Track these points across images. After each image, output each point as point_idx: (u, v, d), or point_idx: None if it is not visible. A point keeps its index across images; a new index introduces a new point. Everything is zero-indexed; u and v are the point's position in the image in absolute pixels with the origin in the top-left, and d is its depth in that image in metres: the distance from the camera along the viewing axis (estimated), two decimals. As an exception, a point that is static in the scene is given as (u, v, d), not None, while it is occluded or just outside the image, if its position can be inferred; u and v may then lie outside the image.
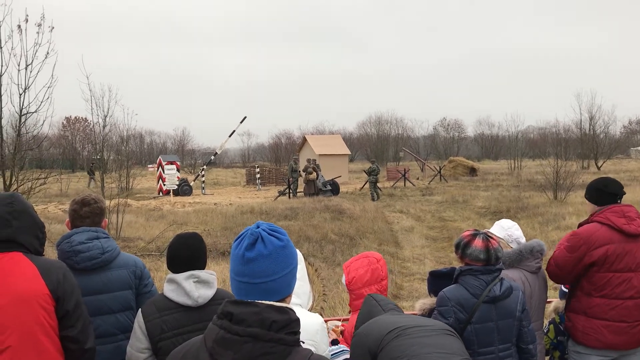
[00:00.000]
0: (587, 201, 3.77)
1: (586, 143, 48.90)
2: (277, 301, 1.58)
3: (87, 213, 3.07)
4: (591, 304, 3.54)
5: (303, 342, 1.63)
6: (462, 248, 3.10)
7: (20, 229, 2.46)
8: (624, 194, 3.70)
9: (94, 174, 33.79)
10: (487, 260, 3.01)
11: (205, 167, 34.16)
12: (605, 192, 3.64)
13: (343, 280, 3.35)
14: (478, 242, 3.05)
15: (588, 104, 51.58)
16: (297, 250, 2.58)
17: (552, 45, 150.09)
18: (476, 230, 3.17)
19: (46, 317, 2.40)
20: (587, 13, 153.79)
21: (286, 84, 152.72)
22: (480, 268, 3.01)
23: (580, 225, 3.70)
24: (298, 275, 2.58)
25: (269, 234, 1.62)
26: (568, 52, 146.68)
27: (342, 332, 3.40)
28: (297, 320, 1.56)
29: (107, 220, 3.27)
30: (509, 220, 3.81)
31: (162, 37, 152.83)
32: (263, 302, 1.54)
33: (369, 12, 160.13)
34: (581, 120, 51.25)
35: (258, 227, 1.64)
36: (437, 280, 3.30)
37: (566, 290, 3.83)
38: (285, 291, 1.63)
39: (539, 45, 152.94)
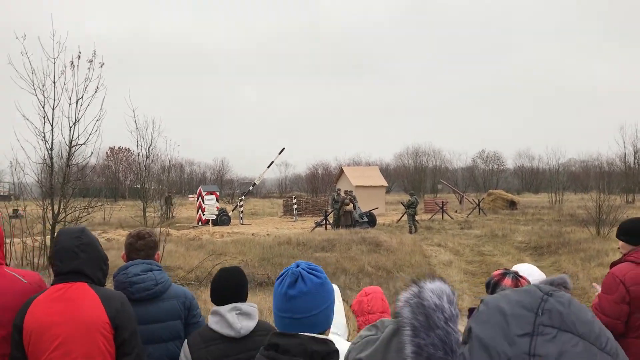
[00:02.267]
0: (620, 242, 3.79)
1: (631, 177, 47.72)
2: (317, 333, 1.73)
3: (142, 246, 3.28)
4: (627, 345, 3.52)
5: None
6: (492, 287, 3.16)
7: (87, 261, 2.68)
8: None
9: (171, 204, 33.23)
10: None
11: (243, 197, 34.65)
12: (637, 232, 3.66)
13: None
14: (507, 281, 3.11)
15: (632, 137, 50.58)
16: (334, 285, 2.70)
17: (595, 76, 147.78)
18: (506, 269, 3.24)
19: (105, 343, 2.58)
20: (629, 45, 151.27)
21: (322, 115, 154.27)
22: None
23: (612, 264, 3.71)
24: (336, 308, 2.70)
25: (308, 272, 1.78)
26: (611, 83, 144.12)
27: None
28: (336, 351, 1.70)
29: (159, 253, 3.47)
30: (525, 265, 3.85)
31: (201, 70, 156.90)
32: (305, 334, 1.70)
33: (401, 41, 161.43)
34: (625, 153, 50.21)
35: (298, 266, 1.81)
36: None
37: None
38: (324, 324, 1.78)
39: (581, 76, 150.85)
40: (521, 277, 3.17)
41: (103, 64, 11.59)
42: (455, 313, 1.46)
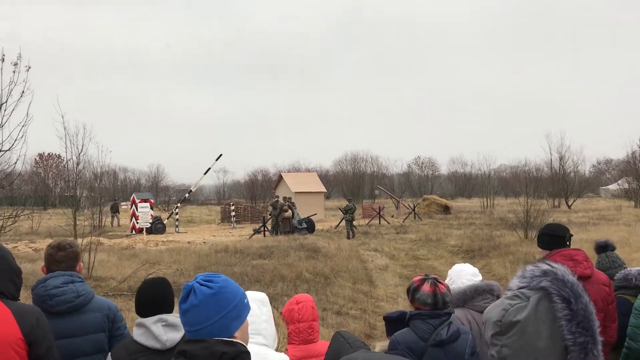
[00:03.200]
0: (540, 249, 3.97)
1: (557, 182, 49.98)
2: None
3: (62, 257, 3.15)
4: None
5: None
6: (411, 292, 3.24)
7: None
8: (572, 235, 3.92)
9: (117, 212, 33.61)
10: (434, 305, 3.14)
11: (179, 204, 33.99)
12: (554, 236, 3.86)
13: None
14: (426, 287, 3.18)
15: (557, 144, 53.05)
16: (262, 294, 2.69)
17: (523, 85, 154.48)
18: (426, 275, 3.31)
19: (18, 361, 2.45)
20: (552, 55, 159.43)
21: (261, 122, 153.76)
22: (428, 312, 3.13)
23: None
24: (264, 317, 2.69)
25: (202, 284, 1.77)
26: (537, 92, 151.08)
27: None
28: (247, 353, 1.71)
29: (82, 264, 3.35)
30: (458, 265, 3.98)
31: (133, 76, 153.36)
32: (213, 338, 1.70)
33: (337, 50, 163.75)
34: (551, 159, 52.57)
35: (196, 279, 1.80)
36: (392, 325, 3.42)
37: None
38: (223, 334, 1.75)
39: (510, 85, 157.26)
40: (440, 282, 3.25)
41: (29, 67, 11.10)
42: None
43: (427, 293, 3.17)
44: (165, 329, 2.77)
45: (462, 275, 3.80)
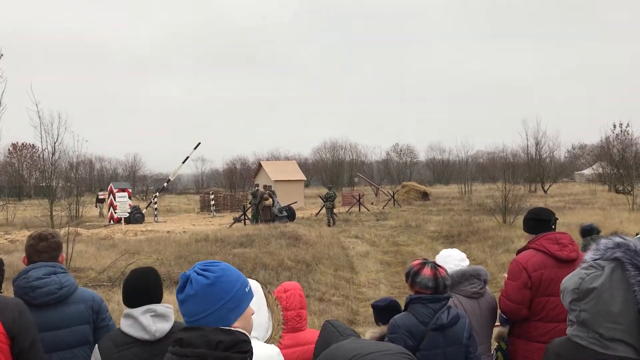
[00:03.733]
0: (526, 234, 3.99)
1: (533, 167, 50.61)
2: None
3: (44, 248, 3.07)
4: (530, 327, 3.73)
5: None
6: (411, 277, 3.24)
7: None
8: (557, 219, 3.96)
9: (102, 202, 33.28)
10: (435, 288, 3.16)
11: (157, 193, 33.65)
12: (538, 220, 3.89)
13: None
14: (427, 271, 3.19)
15: (534, 130, 53.60)
16: (254, 282, 2.65)
17: (500, 71, 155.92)
18: (425, 259, 3.33)
19: (0, 355, 2.38)
20: (532, 41, 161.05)
21: (239, 110, 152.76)
22: (428, 296, 3.15)
23: (518, 252, 3.92)
24: (254, 307, 2.64)
25: (198, 273, 1.73)
26: (514, 78, 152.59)
27: None
28: (246, 341, 1.66)
29: (64, 255, 3.26)
30: (446, 250, 3.99)
31: (106, 62, 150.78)
32: (210, 327, 1.66)
33: (314, 37, 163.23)
34: (528, 145, 53.18)
35: (194, 268, 1.76)
36: (380, 313, 3.42)
37: (504, 317, 4.00)
38: (222, 324, 1.72)
39: (487, 71, 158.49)
40: (439, 266, 3.26)
41: (2, 55, 10.84)
42: None
43: (428, 277, 3.17)
44: (154, 320, 2.72)
45: (449, 260, 3.81)
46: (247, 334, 1.70)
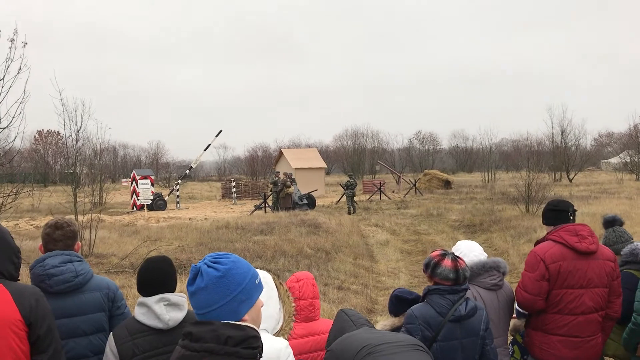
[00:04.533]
0: (545, 226, 3.92)
1: (558, 156, 49.84)
2: None
3: (60, 236, 3.10)
4: (547, 320, 3.67)
5: None
6: (431, 267, 3.21)
7: None
8: (575, 210, 3.88)
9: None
10: (455, 280, 3.13)
11: (180, 181, 33.96)
12: (556, 211, 3.82)
13: None
14: (447, 262, 3.16)
15: (559, 118, 52.76)
16: (265, 273, 2.64)
17: (525, 58, 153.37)
18: (445, 250, 3.29)
19: (18, 342, 2.42)
20: (557, 28, 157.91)
21: (261, 98, 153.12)
22: (447, 288, 3.12)
23: (536, 243, 3.85)
24: (263, 298, 2.63)
25: (209, 266, 1.72)
26: (538, 66, 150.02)
27: None
28: (256, 337, 1.65)
29: (80, 243, 3.30)
30: (465, 242, 3.94)
31: (134, 52, 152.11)
32: (220, 321, 1.65)
33: (335, 26, 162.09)
34: (553, 133, 52.39)
35: (204, 260, 1.75)
36: (401, 304, 3.39)
37: (520, 309, 3.94)
38: (231, 317, 1.71)
39: (511, 58, 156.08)
40: (459, 257, 3.23)
41: (26, 43, 10.94)
42: None
43: (449, 268, 3.15)
44: (167, 309, 2.74)
45: (468, 252, 3.76)
46: (256, 329, 1.69)
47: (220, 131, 33.18)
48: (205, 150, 33.59)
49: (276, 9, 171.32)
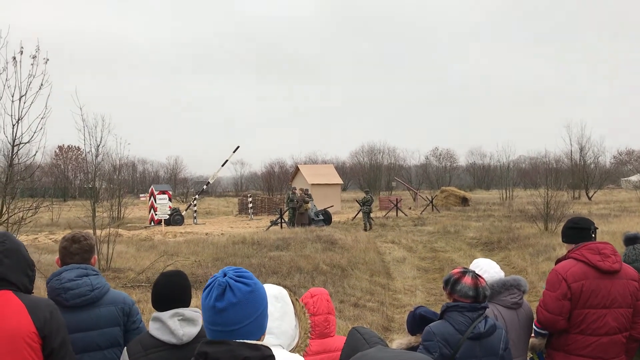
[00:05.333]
0: (565, 244, 3.85)
1: (577, 173, 49.29)
2: None
3: (77, 250, 3.11)
4: (569, 340, 3.59)
5: None
6: (451, 284, 3.18)
7: (11, 268, 2.50)
8: (596, 228, 3.81)
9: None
10: (475, 297, 3.09)
11: (197, 196, 34.14)
12: (577, 229, 3.76)
13: None
14: (468, 280, 3.13)
15: (578, 135, 52.21)
16: (281, 288, 2.62)
17: (542, 75, 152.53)
18: (465, 268, 3.26)
19: (32, 354, 2.43)
20: (573, 47, 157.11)
21: (278, 113, 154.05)
22: (466, 305, 3.09)
23: (557, 261, 3.78)
24: (277, 314, 2.60)
25: (236, 280, 1.67)
26: (557, 82, 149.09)
27: None
28: (271, 356, 1.62)
29: (96, 257, 3.31)
30: (483, 260, 3.88)
31: (148, 66, 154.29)
32: (236, 340, 1.61)
33: (352, 44, 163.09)
34: (571, 151, 51.85)
35: (225, 275, 1.69)
36: (423, 324, 3.34)
37: (537, 329, 3.84)
38: (258, 333, 1.68)
39: (529, 75, 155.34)
40: (479, 276, 3.20)
41: (47, 59, 11.14)
42: None
43: (469, 285, 3.12)
44: (181, 324, 2.72)
45: (488, 269, 3.71)
46: (271, 348, 1.65)
47: (238, 147, 33.38)
48: (222, 166, 33.79)
49: (289, 25, 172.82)
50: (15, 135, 10.81)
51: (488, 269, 3.69)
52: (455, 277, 3.20)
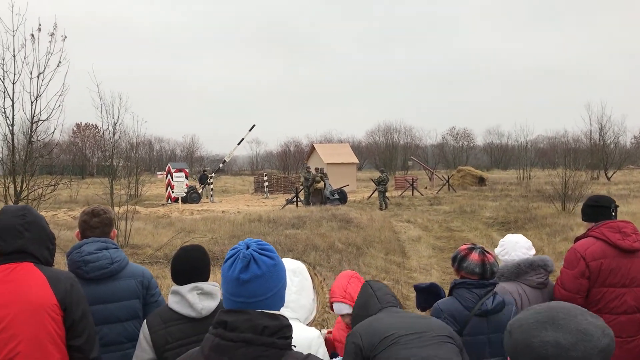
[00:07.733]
0: (584, 223, 3.80)
1: (596, 153, 48.62)
2: None
3: (96, 223, 3.15)
4: None
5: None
6: (458, 261, 3.17)
7: (32, 240, 2.54)
8: (617, 206, 3.75)
9: (208, 183, 31.46)
10: (482, 274, 3.07)
11: (213, 174, 34.31)
12: (597, 207, 3.71)
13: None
14: (474, 256, 3.11)
15: (598, 115, 51.45)
16: (300, 263, 2.62)
17: (562, 55, 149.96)
18: (473, 244, 3.23)
19: (54, 326, 2.47)
20: (593, 25, 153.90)
21: (294, 93, 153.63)
22: (474, 282, 3.07)
23: (576, 239, 3.73)
24: (294, 289, 2.62)
25: (260, 253, 1.67)
26: (578, 60, 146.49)
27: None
28: (289, 326, 1.63)
29: (116, 230, 3.34)
30: (513, 237, 3.84)
31: (166, 47, 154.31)
32: (255, 310, 1.61)
33: (364, 22, 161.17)
34: (591, 130, 51.12)
35: (248, 247, 1.69)
36: (422, 295, 3.35)
37: None
38: (278, 305, 1.69)
39: (548, 55, 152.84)
40: (488, 252, 3.17)
41: (65, 37, 11.16)
42: None
43: (475, 262, 3.10)
44: (200, 297, 2.74)
45: (517, 247, 3.68)
46: (288, 318, 1.66)
47: (254, 125, 33.38)
48: (238, 144, 33.87)
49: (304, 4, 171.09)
50: (34, 113, 10.91)
51: (510, 250, 3.67)
52: (462, 254, 3.18)
